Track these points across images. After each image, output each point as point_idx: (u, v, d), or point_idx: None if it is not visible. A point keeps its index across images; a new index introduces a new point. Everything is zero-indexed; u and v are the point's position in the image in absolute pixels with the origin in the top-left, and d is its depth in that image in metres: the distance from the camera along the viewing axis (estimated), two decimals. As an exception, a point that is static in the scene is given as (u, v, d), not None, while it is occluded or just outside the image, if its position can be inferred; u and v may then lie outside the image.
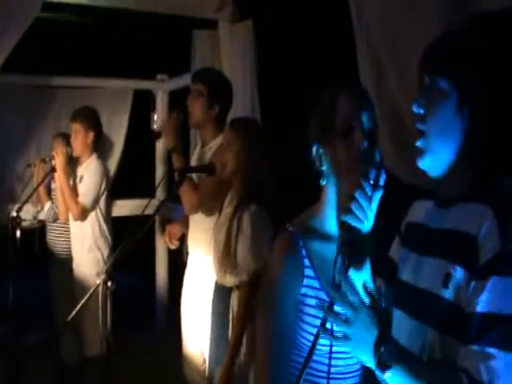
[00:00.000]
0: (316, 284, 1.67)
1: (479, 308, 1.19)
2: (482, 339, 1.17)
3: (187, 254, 3.61)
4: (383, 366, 1.25)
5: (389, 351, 1.25)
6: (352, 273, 1.33)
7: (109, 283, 2.47)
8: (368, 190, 1.33)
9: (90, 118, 4.57)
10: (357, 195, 1.33)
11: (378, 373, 1.28)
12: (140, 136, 5.81)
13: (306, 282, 1.67)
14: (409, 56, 2.50)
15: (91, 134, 4.51)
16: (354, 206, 1.32)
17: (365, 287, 1.30)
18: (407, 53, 2.52)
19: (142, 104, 5.91)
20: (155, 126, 5.83)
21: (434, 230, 1.40)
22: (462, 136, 1.32)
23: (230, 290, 2.90)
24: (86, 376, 4.36)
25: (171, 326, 5.40)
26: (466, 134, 1.32)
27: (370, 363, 1.28)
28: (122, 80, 5.76)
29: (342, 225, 1.34)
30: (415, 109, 1.37)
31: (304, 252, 1.68)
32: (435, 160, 1.36)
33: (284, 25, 3.93)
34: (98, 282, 2.49)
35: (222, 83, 3.51)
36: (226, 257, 2.85)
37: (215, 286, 3.02)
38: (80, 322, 4.01)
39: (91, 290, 2.48)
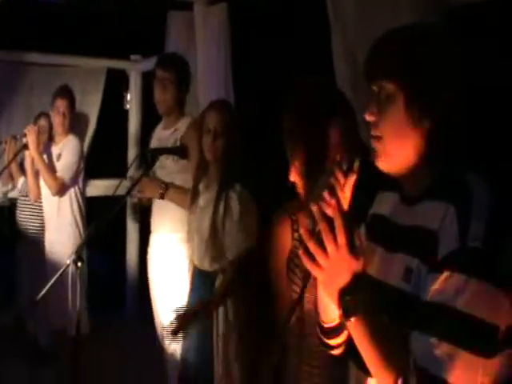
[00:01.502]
0: None
1: (428, 297, 1.21)
2: (426, 327, 1.19)
3: (150, 232, 3.62)
4: (345, 313, 1.26)
5: (354, 301, 1.25)
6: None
7: (79, 263, 2.44)
8: (340, 176, 1.32)
9: (73, 97, 4.61)
10: (329, 182, 1.32)
11: (342, 317, 1.29)
12: (112, 116, 5.77)
13: None
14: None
15: (71, 113, 4.54)
16: (326, 194, 1.30)
17: (351, 237, 1.28)
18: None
19: (116, 83, 5.84)
20: (128, 106, 5.79)
21: (399, 226, 1.41)
22: (416, 135, 1.33)
23: (213, 275, 2.90)
24: (57, 356, 4.33)
25: (142, 308, 5.42)
26: (419, 133, 1.32)
27: (334, 303, 1.30)
28: (96, 59, 5.68)
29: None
30: (367, 117, 1.37)
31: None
32: (393, 161, 1.36)
33: (259, 8, 3.90)
34: (68, 261, 2.46)
35: (187, 69, 3.57)
36: (214, 241, 2.85)
37: (195, 273, 3.02)
38: (51, 302, 3.98)
39: (61, 270, 2.45)
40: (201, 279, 2.97)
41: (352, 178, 1.33)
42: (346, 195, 1.33)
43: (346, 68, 2.74)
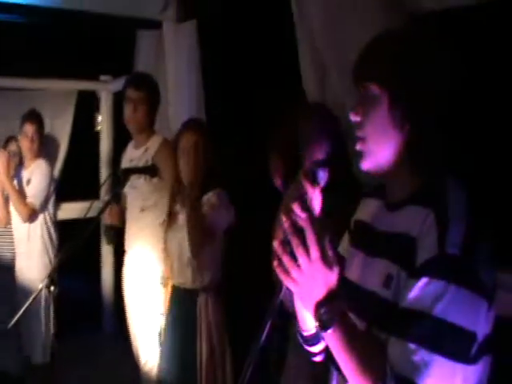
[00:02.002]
0: None
1: (406, 304, 1.21)
2: (404, 333, 1.19)
3: (124, 252, 3.60)
4: (321, 325, 1.26)
5: (330, 313, 1.24)
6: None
7: (51, 288, 2.39)
8: (309, 188, 1.32)
9: (41, 121, 4.56)
10: (299, 194, 1.31)
11: (318, 329, 1.28)
12: (84, 137, 5.72)
13: None
14: (350, 55, 2.51)
15: (40, 137, 4.48)
16: (295, 206, 1.28)
17: (323, 249, 1.26)
18: (349, 52, 2.53)
19: (86, 105, 5.80)
20: (99, 127, 5.75)
21: (380, 231, 1.41)
22: (398, 138, 1.33)
23: (193, 293, 2.90)
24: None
25: (119, 329, 5.33)
26: (401, 136, 1.33)
27: (311, 316, 1.29)
28: (65, 81, 5.63)
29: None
30: (352, 117, 1.39)
31: None
32: (375, 162, 1.37)
33: (228, 25, 3.90)
34: (40, 286, 2.41)
35: (158, 88, 3.61)
36: (195, 257, 2.85)
37: (173, 292, 2.99)
38: (22, 329, 3.90)
39: (33, 295, 2.40)
40: (179, 298, 2.95)
41: (317, 190, 1.32)
42: (314, 206, 1.32)
43: (312, 73, 2.75)
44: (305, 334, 1.46)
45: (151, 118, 3.55)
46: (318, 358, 1.53)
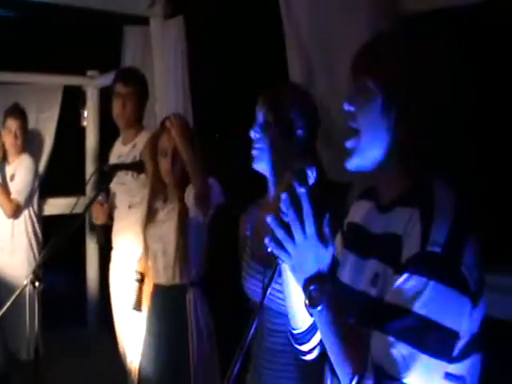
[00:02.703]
0: None
1: (388, 298, 1.23)
2: (385, 326, 1.21)
3: (111, 249, 3.58)
4: (311, 302, 1.28)
5: (319, 290, 1.27)
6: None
7: (36, 283, 2.37)
8: (298, 189, 1.30)
9: (25, 116, 4.52)
10: (285, 195, 1.30)
11: (307, 306, 1.31)
12: (69, 133, 5.69)
13: None
14: (337, 55, 2.52)
15: (24, 133, 4.44)
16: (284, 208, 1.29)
17: (320, 225, 1.28)
18: (336, 51, 2.54)
19: (72, 100, 5.76)
20: (85, 123, 5.72)
21: (371, 233, 1.42)
22: (388, 137, 1.34)
23: (177, 290, 2.88)
24: (15, 381, 4.21)
25: (103, 324, 5.31)
26: (392, 135, 1.33)
27: (301, 317, 1.33)
28: (51, 76, 5.59)
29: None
30: (346, 106, 1.38)
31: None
32: (363, 160, 1.37)
33: (216, 21, 3.91)
34: (24, 282, 2.38)
35: (146, 83, 3.62)
36: (182, 253, 2.84)
37: (155, 290, 2.97)
38: (6, 325, 3.88)
39: (17, 291, 2.38)
40: (161, 296, 2.93)
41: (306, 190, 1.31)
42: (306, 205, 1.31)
43: (299, 70, 2.76)
44: (294, 332, 1.47)
45: (140, 114, 3.55)
46: (309, 357, 1.54)
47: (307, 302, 1.29)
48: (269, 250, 1.30)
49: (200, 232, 2.90)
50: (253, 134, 1.97)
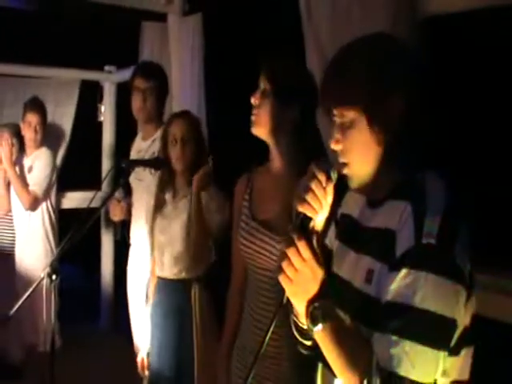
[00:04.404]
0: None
1: (387, 297, 1.25)
2: (386, 326, 1.23)
3: (130, 245, 3.60)
4: (312, 321, 1.31)
5: (322, 308, 1.30)
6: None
7: (53, 276, 2.41)
8: (323, 182, 1.36)
9: (44, 111, 4.57)
10: (313, 186, 1.34)
11: (309, 325, 1.33)
12: (86, 127, 5.74)
13: None
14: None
15: (43, 127, 4.50)
16: (309, 197, 1.34)
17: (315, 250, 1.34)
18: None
19: (90, 94, 5.82)
20: (102, 118, 5.77)
21: (365, 228, 1.45)
22: (378, 151, 1.36)
23: (183, 284, 2.91)
24: (30, 373, 4.27)
25: (116, 320, 5.38)
26: (380, 147, 1.36)
27: (303, 315, 1.34)
28: (69, 70, 5.64)
29: (297, 215, 1.36)
30: (334, 146, 1.40)
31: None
32: (360, 177, 1.40)
33: (234, 19, 3.93)
34: (42, 275, 2.43)
35: (166, 78, 3.61)
36: (189, 248, 2.86)
37: (159, 285, 3.01)
38: (23, 317, 3.94)
39: (35, 284, 2.42)
40: (169, 290, 2.96)
41: (331, 185, 1.37)
42: (328, 200, 1.36)
43: (319, 71, 2.76)
44: (304, 326, 1.47)
45: (160, 109, 3.53)
46: (307, 351, 1.57)
47: (309, 321, 1.32)
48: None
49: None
50: (252, 100, 2.04)
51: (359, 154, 1.37)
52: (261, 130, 2.06)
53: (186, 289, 2.91)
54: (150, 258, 3.22)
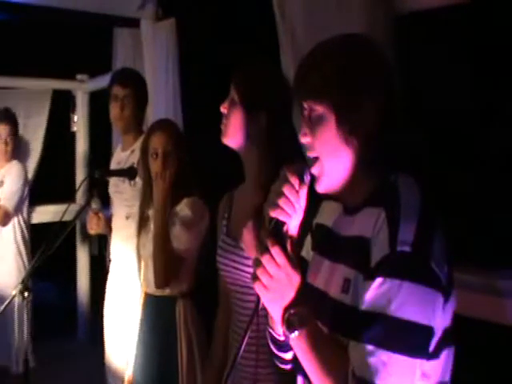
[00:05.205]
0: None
1: (363, 307, 1.25)
2: (362, 336, 1.22)
3: (110, 260, 3.53)
4: (289, 327, 1.30)
5: (298, 314, 1.30)
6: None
7: (25, 294, 2.36)
8: (296, 185, 1.35)
9: (15, 122, 4.54)
10: (285, 190, 1.34)
11: (286, 332, 1.32)
12: (59, 138, 5.68)
13: None
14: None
15: (14, 139, 4.47)
16: (282, 202, 1.33)
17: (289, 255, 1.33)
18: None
19: (62, 104, 5.77)
20: (75, 128, 5.72)
21: (340, 236, 1.45)
22: (348, 153, 1.36)
23: (168, 300, 2.87)
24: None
25: (94, 337, 5.30)
26: (350, 149, 1.35)
27: (279, 321, 1.33)
28: (40, 80, 5.61)
29: (270, 220, 1.35)
30: (302, 139, 1.41)
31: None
32: (330, 182, 1.40)
33: (208, 23, 3.91)
34: (13, 292, 2.37)
35: (145, 86, 3.54)
36: (162, 287, 2.81)
37: (147, 301, 2.97)
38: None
39: (6, 302, 2.37)
40: (154, 306, 2.92)
41: (304, 188, 1.36)
42: (301, 204, 1.36)
43: (293, 71, 2.75)
44: (280, 338, 1.47)
45: (139, 117, 3.45)
46: (289, 366, 1.55)
47: (285, 328, 1.31)
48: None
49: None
50: (222, 109, 2.02)
51: (327, 150, 1.37)
52: (230, 140, 2.03)
53: (171, 305, 2.87)
54: (137, 273, 3.15)
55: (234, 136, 2.00)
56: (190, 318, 2.86)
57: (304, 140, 1.40)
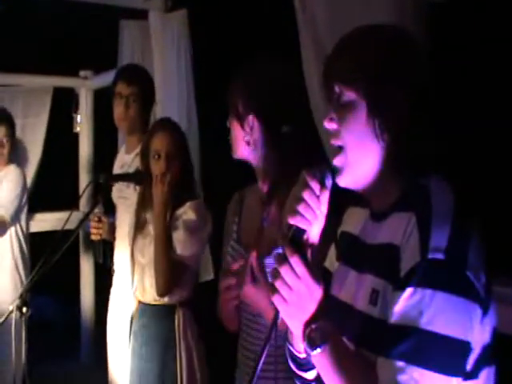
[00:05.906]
0: None
1: (392, 320, 1.24)
2: (391, 351, 1.21)
3: (113, 272, 3.56)
4: (310, 344, 1.30)
5: (320, 330, 1.29)
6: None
7: (24, 309, 2.37)
8: (316, 190, 1.34)
9: (12, 123, 4.54)
10: (305, 195, 1.33)
11: (307, 349, 1.32)
12: (60, 140, 5.71)
13: None
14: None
15: (11, 141, 4.47)
16: (301, 208, 1.33)
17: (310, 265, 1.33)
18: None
19: (63, 103, 5.79)
20: (78, 129, 5.73)
21: (367, 245, 1.45)
22: (377, 149, 1.37)
23: (165, 309, 2.89)
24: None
25: (98, 358, 5.31)
26: (380, 146, 1.36)
27: (299, 337, 1.33)
28: (40, 76, 5.63)
29: (289, 228, 1.34)
30: (327, 125, 1.42)
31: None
32: (355, 174, 1.40)
33: (223, 14, 3.92)
34: (10, 308, 2.38)
35: (152, 84, 3.59)
36: (165, 295, 2.85)
37: (140, 310, 2.99)
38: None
39: (3, 318, 2.39)
40: (150, 316, 2.94)
41: (326, 193, 1.35)
42: (322, 210, 1.35)
43: (315, 67, 2.75)
44: (301, 356, 1.46)
45: (145, 117, 3.48)
46: None
47: (306, 344, 1.31)
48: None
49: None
50: (228, 123, 2.10)
51: (354, 140, 1.37)
52: (236, 154, 2.10)
53: (169, 314, 2.89)
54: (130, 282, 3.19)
55: (237, 149, 2.08)
56: (190, 328, 2.88)
57: (329, 126, 1.41)
